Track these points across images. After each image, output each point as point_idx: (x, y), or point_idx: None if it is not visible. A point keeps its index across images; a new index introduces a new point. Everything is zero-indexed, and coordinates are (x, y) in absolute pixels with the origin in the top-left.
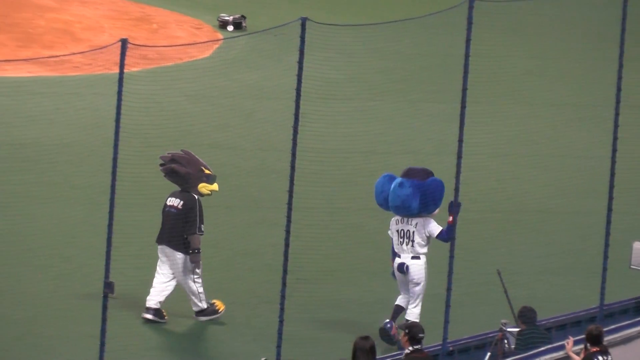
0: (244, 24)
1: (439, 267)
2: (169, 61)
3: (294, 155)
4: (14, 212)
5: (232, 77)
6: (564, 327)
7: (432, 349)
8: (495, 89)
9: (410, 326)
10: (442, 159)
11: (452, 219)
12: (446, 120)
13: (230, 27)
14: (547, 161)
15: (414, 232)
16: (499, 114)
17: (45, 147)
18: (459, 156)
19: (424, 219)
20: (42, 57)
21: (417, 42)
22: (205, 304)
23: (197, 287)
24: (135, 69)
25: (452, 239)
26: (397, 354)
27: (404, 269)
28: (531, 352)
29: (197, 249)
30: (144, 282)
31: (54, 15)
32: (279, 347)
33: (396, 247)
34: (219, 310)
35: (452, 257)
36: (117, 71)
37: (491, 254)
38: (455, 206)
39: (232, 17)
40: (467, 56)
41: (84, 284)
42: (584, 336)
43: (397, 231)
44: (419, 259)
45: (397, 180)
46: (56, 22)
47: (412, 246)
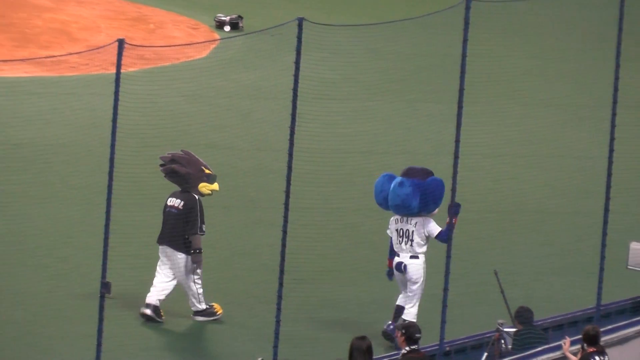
0: (240, 24)
1: (436, 267)
2: (166, 61)
3: (290, 155)
4: (11, 212)
5: (229, 77)
6: (561, 327)
7: (428, 349)
8: (493, 89)
9: (407, 326)
10: (440, 159)
11: (452, 220)
12: (444, 120)
13: (227, 27)
14: (545, 161)
15: (413, 231)
16: (497, 114)
17: (41, 147)
18: (456, 156)
19: (424, 218)
20: (38, 57)
21: (415, 42)
22: (204, 305)
23: (197, 288)
24: (132, 69)
25: (449, 239)
26: (394, 354)
27: (401, 268)
28: (528, 353)
29: (199, 249)
30: (141, 282)
31: (50, 15)
32: (276, 347)
33: (395, 246)
34: (217, 313)
35: (449, 257)
36: (114, 71)
37: (488, 254)
38: (455, 207)
39: (228, 17)
40: (464, 56)
41: (81, 284)
42: (581, 336)
43: (397, 230)
44: (417, 258)
45: (397, 179)
46: (53, 22)
47: (411, 245)
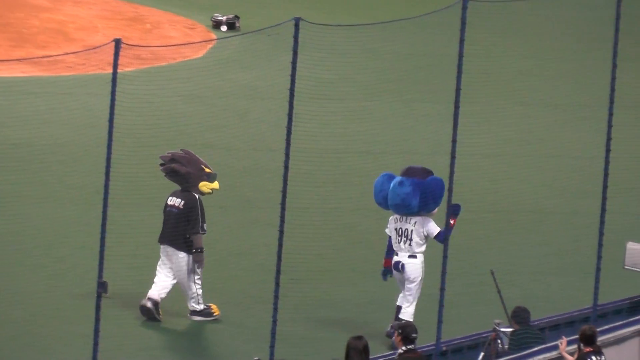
0: (237, 24)
1: (433, 266)
2: (163, 61)
3: (287, 155)
4: (8, 212)
5: (225, 77)
6: (557, 327)
7: (425, 349)
8: (490, 89)
9: (403, 326)
10: (437, 159)
11: (450, 221)
12: (441, 120)
13: (223, 27)
14: (542, 161)
15: (412, 230)
16: (494, 114)
17: (38, 147)
18: (453, 156)
19: (423, 218)
20: (35, 57)
21: (412, 42)
22: (202, 306)
23: (196, 288)
24: (128, 69)
25: (446, 239)
26: (390, 354)
27: (399, 267)
28: (524, 352)
29: (201, 248)
30: (138, 282)
31: (47, 15)
32: (272, 347)
33: (394, 246)
34: (214, 313)
35: (445, 257)
36: (111, 71)
37: (485, 253)
38: (455, 209)
39: (225, 17)
40: (460, 56)
41: (78, 284)
42: (578, 336)
43: (396, 229)
44: (415, 257)
45: (396, 178)
46: (50, 22)
47: (410, 245)
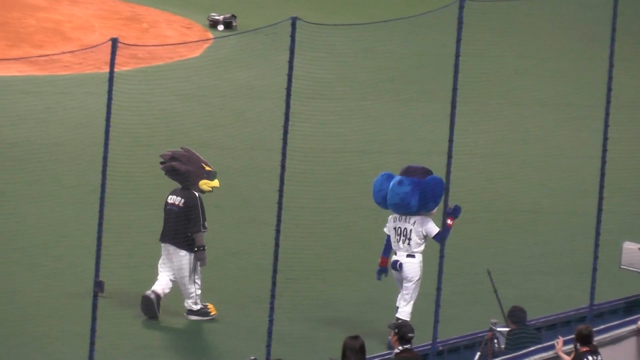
0: (234, 24)
1: (430, 266)
2: (159, 60)
3: (284, 154)
4: (5, 211)
5: (222, 77)
6: (554, 327)
7: (421, 349)
8: (486, 89)
9: (399, 325)
10: (433, 158)
11: (448, 222)
12: (438, 119)
13: (220, 27)
14: (539, 161)
15: (411, 230)
16: (491, 114)
17: (35, 147)
18: (450, 156)
19: (423, 217)
20: (32, 57)
21: (408, 41)
22: (199, 306)
23: (195, 287)
24: (125, 68)
25: (443, 239)
26: (386, 354)
27: (397, 266)
28: (521, 352)
29: (203, 246)
30: (135, 281)
31: (44, 14)
32: (269, 346)
33: (393, 245)
34: (211, 313)
35: (442, 256)
36: (108, 70)
37: (482, 253)
38: (455, 211)
39: (222, 16)
40: (457, 56)
41: (74, 283)
42: (574, 336)
43: (395, 229)
44: (413, 257)
45: (396, 178)
46: (46, 22)
47: (409, 244)
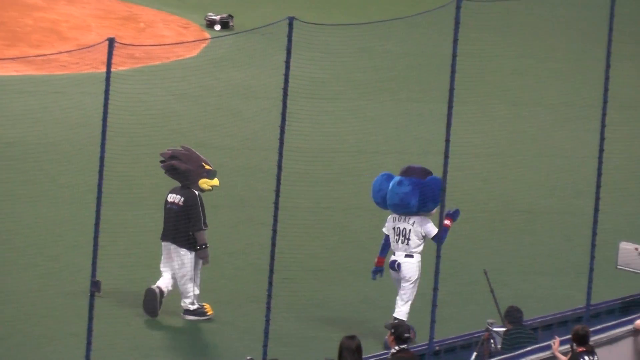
0: (231, 23)
1: (426, 266)
2: (156, 60)
3: (280, 154)
4: (0, 211)
5: (219, 77)
6: (550, 327)
7: (418, 349)
8: (483, 89)
9: (396, 326)
10: (429, 158)
11: (445, 222)
12: (434, 119)
13: (217, 27)
14: (535, 161)
15: (411, 230)
16: (487, 114)
17: (31, 146)
18: (446, 156)
19: (422, 218)
20: (29, 56)
21: (405, 41)
22: (195, 305)
23: (194, 287)
24: (122, 68)
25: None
26: (383, 354)
27: (395, 266)
28: (517, 352)
29: (205, 244)
30: (131, 281)
31: (41, 14)
32: (265, 346)
33: (392, 245)
34: (208, 313)
35: (438, 256)
36: (104, 70)
37: (478, 253)
38: (454, 214)
39: (219, 16)
40: (454, 56)
41: (71, 283)
42: (571, 336)
43: (394, 229)
44: (412, 257)
45: (396, 178)
46: (43, 21)
47: (407, 244)
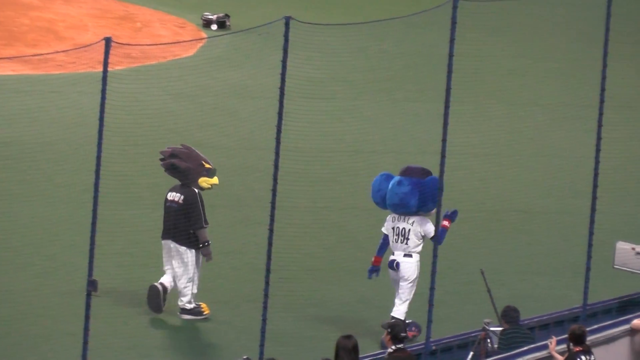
0: (227, 23)
1: (423, 266)
2: (153, 60)
3: (277, 154)
4: None
5: (215, 76)
6: (547, 327)
7: (415, 348)
8: (480, 89)
9: (392, 325)
10: (426, 158)
11: (443, 222)
12: (431, 119)
13: (214, 26)
14: (532, 161)
15: (410, 230)
16: (484, 114)
17: (28, 146)
18: (443, 155)
19: (421, 217)
20: (25, 56)
21: (402, 41)
22: (192, 305)
23: (192, 286)
24: (118, 68)
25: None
26: (379, 353)
27: (394, 265)
28: (514, 352)
29: (207, 242)
30: (128, 280)
31: (37, 13)
32: (262, 345)
33: (391, 245)
34: (204, 312)
35: (435, 256)
36: (101, 70)
37: (475, 253)
38: (452, 215)
39: (215, 15)
40: (450, 56)
41: (67, 282)
42: (567, 336)
43: (393, 229)
44: (410, 257)
45: (395, 178)
46: (40, 21)
47: (406, 244)
